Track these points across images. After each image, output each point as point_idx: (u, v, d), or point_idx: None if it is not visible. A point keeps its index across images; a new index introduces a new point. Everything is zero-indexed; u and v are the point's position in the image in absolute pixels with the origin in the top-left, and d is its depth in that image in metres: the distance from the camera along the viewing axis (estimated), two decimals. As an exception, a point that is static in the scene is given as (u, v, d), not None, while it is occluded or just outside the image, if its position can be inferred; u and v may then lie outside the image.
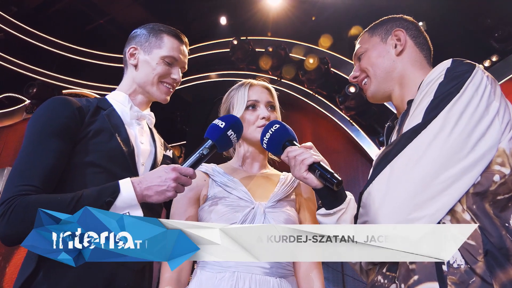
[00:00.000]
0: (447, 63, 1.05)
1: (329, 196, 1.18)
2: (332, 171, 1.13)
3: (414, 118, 1.00)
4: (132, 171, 1.37)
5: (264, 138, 1.32)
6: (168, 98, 1.57)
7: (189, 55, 1.64)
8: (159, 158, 1.54)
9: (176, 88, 1.62)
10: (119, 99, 1.53)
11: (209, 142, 1.28)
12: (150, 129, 1.62)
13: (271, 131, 1.31)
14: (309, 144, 1.23)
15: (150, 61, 1.52)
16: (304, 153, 1.17)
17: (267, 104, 1.54)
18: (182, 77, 1.62)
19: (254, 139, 1.49)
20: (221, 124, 1.32)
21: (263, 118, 1.48)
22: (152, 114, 1.62)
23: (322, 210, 1.21)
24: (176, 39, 1.56)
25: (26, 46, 6.72)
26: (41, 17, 6.61)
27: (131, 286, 1.32)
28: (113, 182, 1.20)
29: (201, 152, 1.26)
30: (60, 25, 6.75)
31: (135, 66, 1.55)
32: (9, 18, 6.58)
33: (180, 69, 1.57)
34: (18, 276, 1.22)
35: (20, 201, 1.14)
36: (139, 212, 1.20)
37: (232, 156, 1.63)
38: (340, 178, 1.11)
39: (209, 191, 1.44)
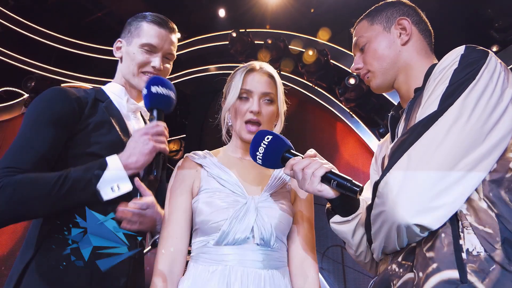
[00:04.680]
0: (460, 49, 1.03)
1: (346, 203, 1.13)
2: (349, 178, 1.06)
3: (429, 105, 0.97)
4: None
5: (257, 153, 1.21)
6: None
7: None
8: None
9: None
10: (115, 91, 1.51)
11: (152, 110, 1.36)
12: (144, 121, 1.60)
13: (264, 144, 1.19)
14: (313, 152, 1.15)
15: (130, 51, 1.48)
16: (312, 163, 1.09)
17: (262, 96, 1.41)
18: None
19: (240, 135, 1.43)
20: (145, 91, 1.37)
21: (251, 112, 1.38)
22: None
23: (337, 218, 1.16)
24: (156, 25, 1.48)
25: (24, 39, 6.68)
26: (38, 10, 6.55)
27: (127, 275, 1.34)
28: (99, 159, 1.24)
29: (150, 120, 1.35)
30: (58, 19, 6.70)
31: (121, 59, 1.54)
32: (6, 11, 6.53)
33: (163, 56, 1.49)
34: (17, 262, 1.25)
35: (7, 180, 1.15)
36: (127, 185, 1.25)
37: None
38: (361, 184, 1.05)
39: (202, 183, 1.40)
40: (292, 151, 1.19)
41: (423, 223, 0.88)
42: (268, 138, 1.20)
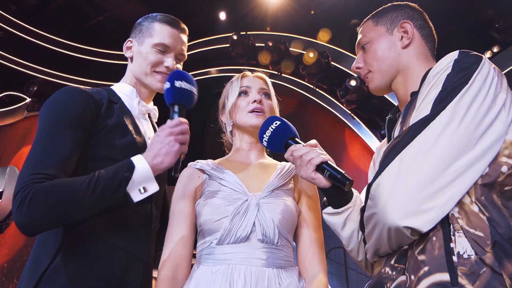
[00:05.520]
0: (454, 54, 1.04)
1: (337, 195, 1.17)
2: (342, 171, 1.11)
3: (422, 109, 0.99)
4: None
5: (264, 135, 1.28)
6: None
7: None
8: None
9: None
10: (126, 91, 1.50)
11: (174, 106, 1.32)
12: (152, 123, 1.61)
13: (272, 128, 1.27)
14: (314, 142, 1.21)
15: (143, 51, 1.48)
16: (310, 152, 1.15)
17: (260, 91, 1.53)
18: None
19: (245, 124, 1.48)
20: (168, 85, 1.32)
21: (254, 101, 1.47)
22: (156, 108, 1.61)
23: (329, 209, 1.20)
24: (169, 25, 1.49)
25: (25, 44, 6.70)
26: (40, 15, 6.58)
27: (141, 280, 1.34)
28: (124, 160, 1.21)
29: (173, 115, 1.30)
30: (59, 23, 6.72)
31: (131, 58, 1.53)
32: (8, 16, 6.56)
33: (175, 57, 1.50)
34: (31, 271, 1.22)
35: (37, 187, 1.11)
36: (154, 186, 1.22)
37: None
38: (351, 178, 1.10)
39: (204, 186, 1.43)
40: (296, 138, 1.25)
41: (413, 225, 0.89)
42: (276, 124, 1.27)
